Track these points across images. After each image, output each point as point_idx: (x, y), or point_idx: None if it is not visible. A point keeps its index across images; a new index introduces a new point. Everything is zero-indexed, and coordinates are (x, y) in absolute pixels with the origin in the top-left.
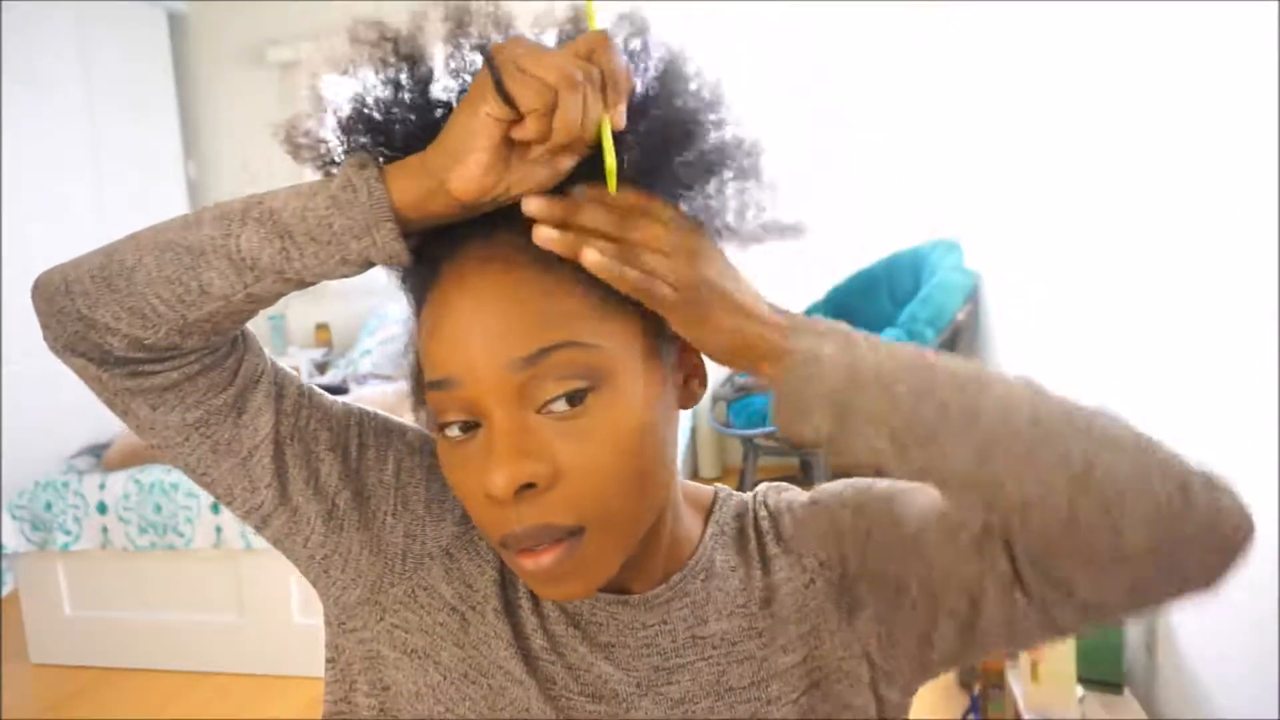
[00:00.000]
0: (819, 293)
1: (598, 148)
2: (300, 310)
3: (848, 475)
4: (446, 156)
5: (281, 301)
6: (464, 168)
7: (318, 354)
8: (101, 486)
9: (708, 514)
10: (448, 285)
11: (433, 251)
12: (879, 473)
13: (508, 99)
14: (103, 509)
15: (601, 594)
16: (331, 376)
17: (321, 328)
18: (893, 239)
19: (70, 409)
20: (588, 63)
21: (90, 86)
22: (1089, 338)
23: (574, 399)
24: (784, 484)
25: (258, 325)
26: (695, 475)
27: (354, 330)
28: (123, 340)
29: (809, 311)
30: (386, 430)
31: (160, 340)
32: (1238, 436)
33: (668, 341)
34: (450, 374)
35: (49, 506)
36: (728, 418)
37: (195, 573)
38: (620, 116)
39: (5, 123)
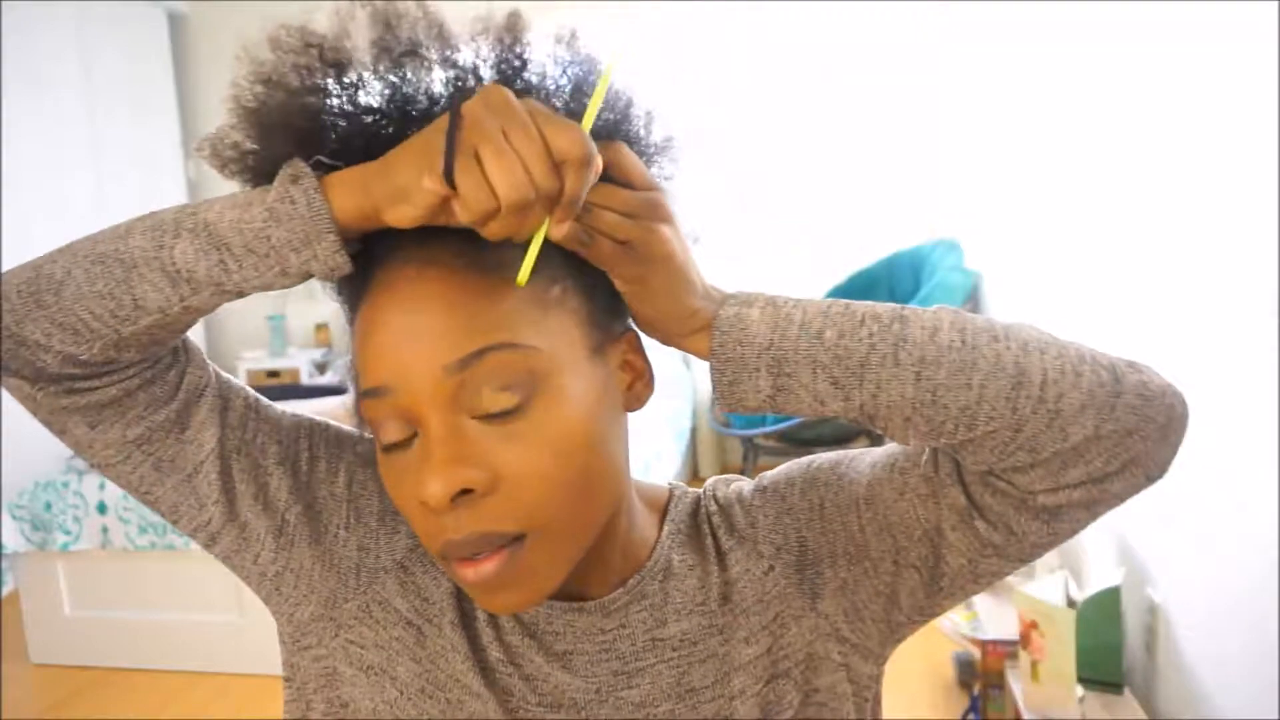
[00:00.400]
0: (819, 293)
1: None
2: (300, 310)
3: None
4: (388, 189)
5: (281, 301)
6: (400, 209)
7: (318, 354)
8: (101, 486)
9: (663, 513)
10: (380, 291)
11: (364, 257)
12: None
13: (451, 182)
14: (103, 509)
15: (556, 602)
16: (331, 376)
17: (321, 327)
18: (893, 239)
19: None
20: (551, 173)
21: (90, 86)
22: (1089, 337)
23: (511, 403)
24: (732, 475)
25: (256, 325)
26: (695, 475)
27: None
28: (56, 357)
29: None
30: (338, 441)
31: (95, 356)
32: (1238, 436)
33: (612, 342)
34: (383, 381)
35: (49, 506)
36: (727, 418)
37: (195, 573)
38: (560, 230)
39: (5, 123)
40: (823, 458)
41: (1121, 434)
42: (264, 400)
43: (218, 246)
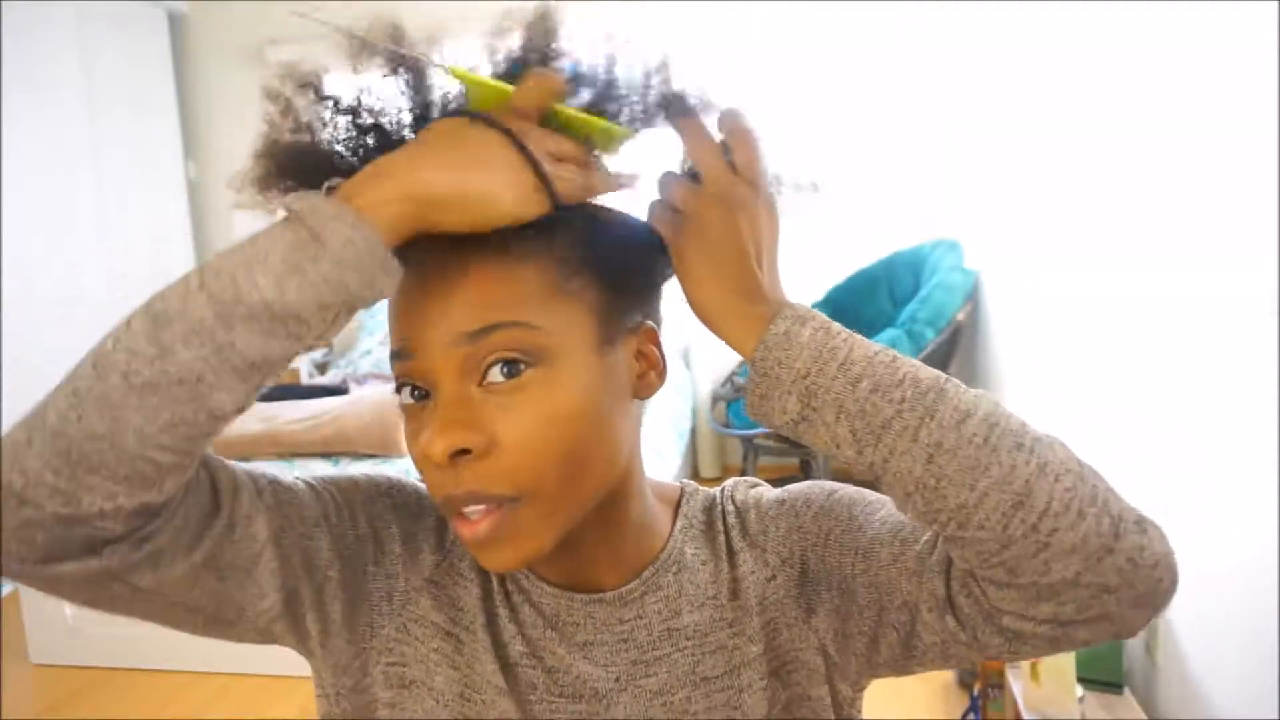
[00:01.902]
0: (819, 293)
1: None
2: None
3: (848, 475)
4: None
5: None
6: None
7: (318, 354)
8: None
9: (676, 508)
10: (409, 265)
11: None
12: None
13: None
14: None
15: (577, 594)
16: (331, 376)
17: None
18: (893, 239)
19: None
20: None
21: (90, 86)
22: (1089, 337)
23: (511, 372)
24: (753, 479)
25: None
26: (695, 475)
27: (354, 330)
28: (122, 517)
29: None
30: (345, 487)
31: (169, 490)
32: (1238, 436)
33: (624, 333)
34: (404, 345)
35: None
36: (728, 418)
37: None
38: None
39: (5, 123)
40: (846, 490)
41: (1099, 589)
42: (271, 471)
43: (285, 320)
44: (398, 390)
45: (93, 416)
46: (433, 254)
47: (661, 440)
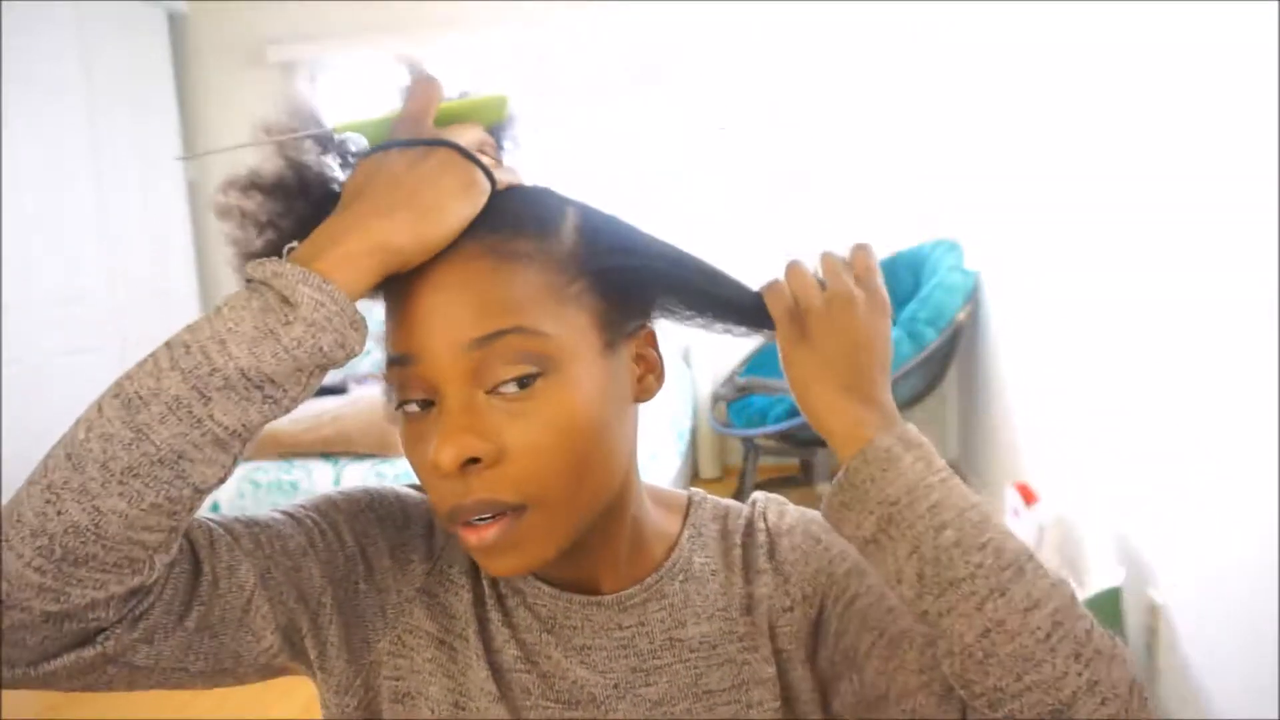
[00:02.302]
0: None
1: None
2: None
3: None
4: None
5: None
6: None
7: None
8: None
9: (684, 516)
10: (414, 277)
11: None
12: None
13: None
14: None
15: (574, 595)
16: (332, 376)
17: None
18: (893, 239)
19: (70, 409)
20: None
21: (90, 86)
22: (1090, 337)
23: (523, 382)
24: (781, 499)
25: None
26: (695, 475)
27: None
28: (114, 604)
29: None
30: (325, 509)
31: (159, 570)
32: (1238, 436)
33: (625, 337)
34: (408, 351)
35: None
36: (728, 418)
37: None
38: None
39: (5, 123)
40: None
41: None
42: (247, 513)
43: (261, 385)
44: (400, 405)
45: (73, 509)
46: (436, 263)
47: (661, 441)
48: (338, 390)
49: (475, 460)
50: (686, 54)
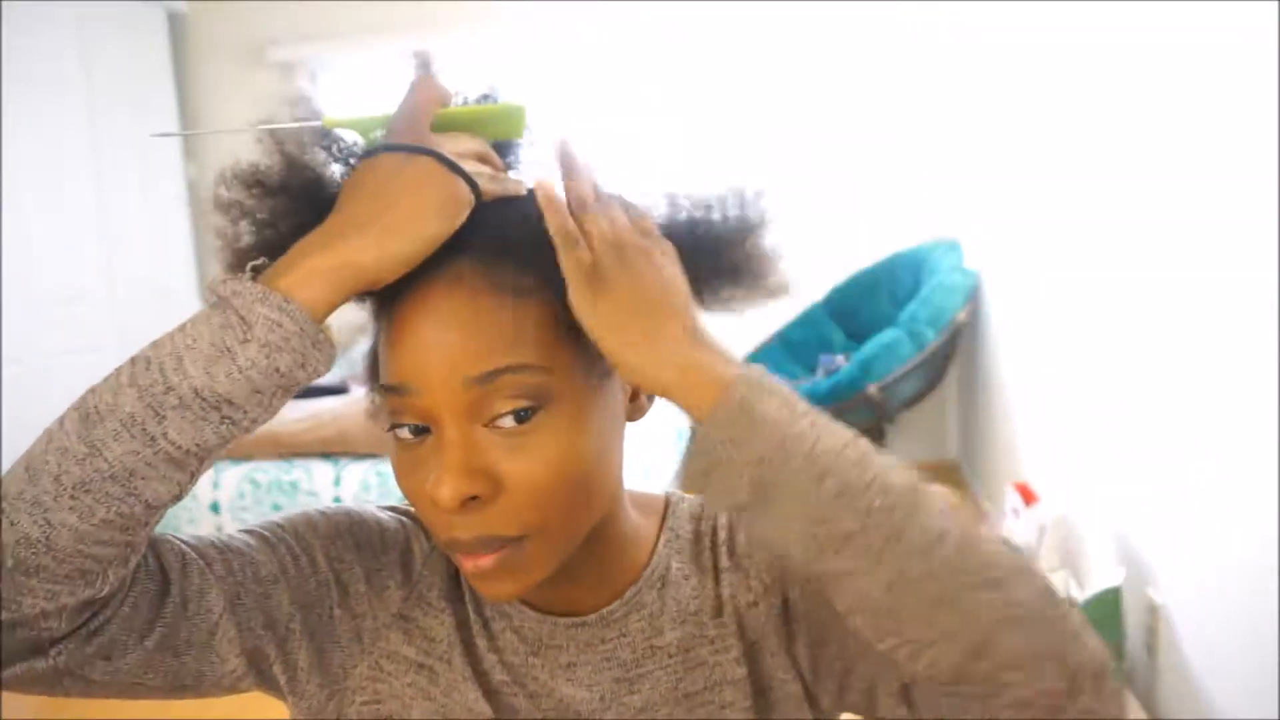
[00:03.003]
0: (819, 293)
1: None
2: None
3: None
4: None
5: None
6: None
7: None
8: None
9: (661, 520)
10: (411, 303)
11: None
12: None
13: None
14: None
15: (559, 619)
16: (331, 376)
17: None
18: (893, 239)
19: None
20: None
21: (90, 86)
22: (1090, 337)
23: (521, 417)
24: None
25: None
26: None
27: (354, 331)
28: (65, 615)
29: (810, 311)
30: (303, 532)
31: (112, 584)
32: (1238, 436)
33: None
34: (407, 381)
35: None
36: None
37: None
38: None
39: (5, 123)
40: None
41: None
42: (221, 535)
43: (217, 405)
44: (393, 428)
45: (25, 521)
46: (435, 290)
47: (660, 442)
48: (338, 390)
49: (475, 498)
50: (686, 54)
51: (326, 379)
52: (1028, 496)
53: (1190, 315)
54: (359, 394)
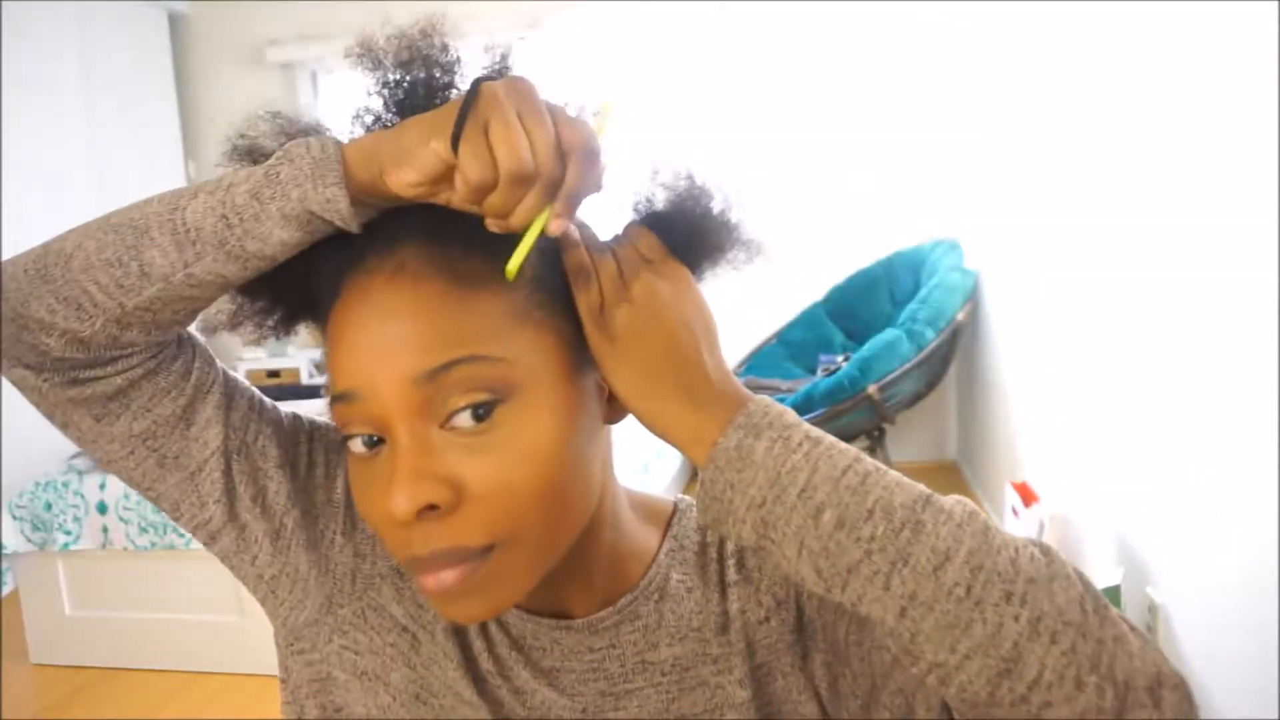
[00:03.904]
0: (819, 293)
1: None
2: None
3: None
4: (393, 150)
5: None
6: (399, 173)
7: (317, 354)
8: (102, 486)
9: (666, 528)
10: (351, 297)
11: (334, 263)
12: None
13: (455, 148)
14: (103, 509)
15: (543, 618)
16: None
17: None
18: (893, 239)
19: None
20: (554, 155)
21: (90, 86)
22: (1090, 337)
23: (480, 415)
24: None
25: None
26: (694, 478)
27: None
28: (60, 338)
29: (810, 311)
30: (337, 447)
31: (98, 333)
32: (1238, 436)
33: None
34: (352, 387)
35: (49, 506)
36: None
37: (195, 573)
38: (559, 225)
39: (5, 123)
40: None
41: None
42: (267, 401)
43: (223, 200)
44: (344, 440)
45: (70, 239)
46: (375, 284)
47: (660, 442)
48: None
49: (433, 507)
50: (686, 54)
51: (326, 379)
52: (1027, 496)
53: (1190, 315)
54: None
